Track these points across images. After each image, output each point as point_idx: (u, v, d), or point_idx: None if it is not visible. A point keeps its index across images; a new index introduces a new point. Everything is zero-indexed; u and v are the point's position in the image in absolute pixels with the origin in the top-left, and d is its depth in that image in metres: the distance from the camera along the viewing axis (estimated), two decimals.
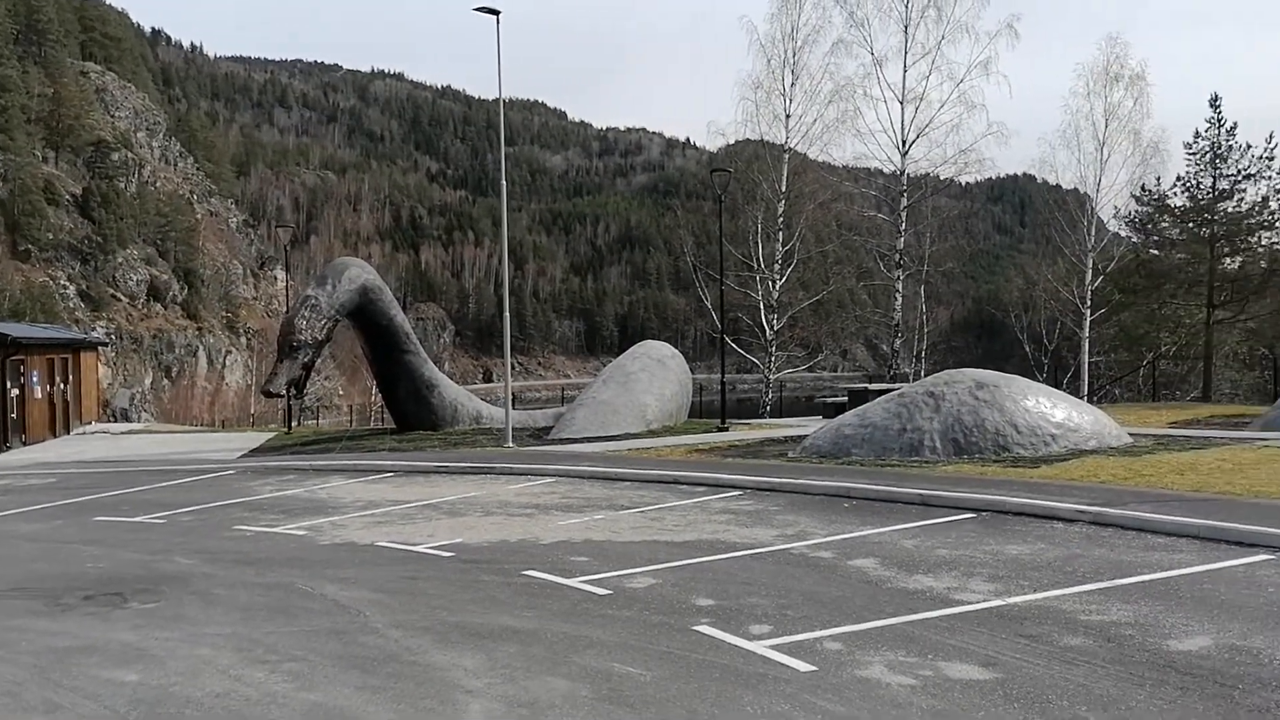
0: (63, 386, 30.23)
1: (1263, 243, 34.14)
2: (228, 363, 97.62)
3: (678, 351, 26.62)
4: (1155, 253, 35.82)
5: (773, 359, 34.70)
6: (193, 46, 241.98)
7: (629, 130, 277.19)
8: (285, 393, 22.87)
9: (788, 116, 33.84)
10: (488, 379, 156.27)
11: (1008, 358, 42.92)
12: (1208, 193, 33.95)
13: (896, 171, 33.13)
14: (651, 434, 21.91)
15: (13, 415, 26.23)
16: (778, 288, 33.99)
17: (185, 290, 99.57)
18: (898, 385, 19.92)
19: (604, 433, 21.84)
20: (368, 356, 25.94)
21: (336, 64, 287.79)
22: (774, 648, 6.49)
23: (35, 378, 27.81)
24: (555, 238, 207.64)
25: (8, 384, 25.84)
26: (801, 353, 41.35)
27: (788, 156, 33.95)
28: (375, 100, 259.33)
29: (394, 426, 26.06)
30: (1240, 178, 33.69)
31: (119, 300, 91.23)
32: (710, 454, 17.72)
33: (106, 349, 65.65)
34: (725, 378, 24.71)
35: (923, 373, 32.44)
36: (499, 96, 23.30)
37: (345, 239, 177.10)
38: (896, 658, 6.24)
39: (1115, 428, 16.26)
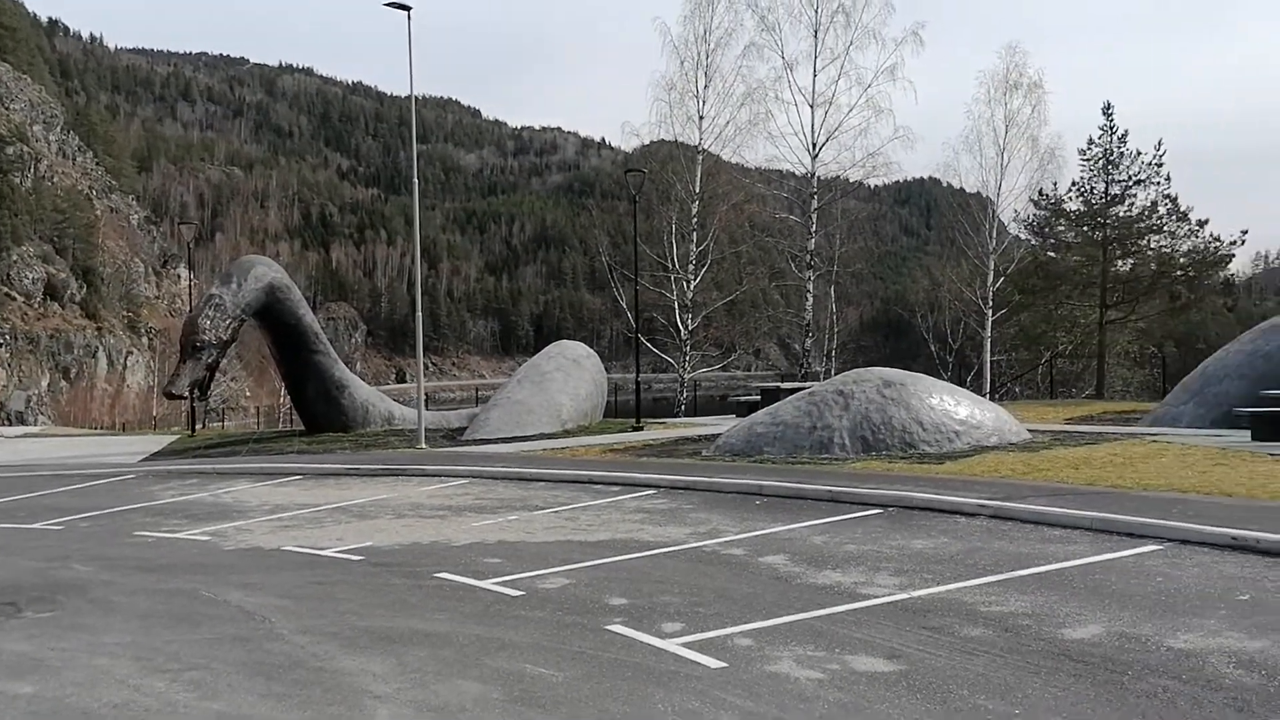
0: None
1: (1151, 246, 35.70)
2: (129, 364, 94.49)
3: (593, 351, 26.64)
4: (1052, 255, 37.13)
5: (687, 358, 34.94)
6: (92, 37, 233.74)
7: (544, 129, 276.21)
8: (188, 394, 22.28)
9: (701, 118, 34.14)
10: (401, 379, 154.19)
11: (914, 356, 43.92)
12: (1101, 198, 35.31)
13: (807, 174, 33.66)
14: (566, 434, 21.88)
15: None
16: (692, 288, 34.24)
17: (84, 289, 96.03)
18: (809, 384, 20.24)
19: (519, 433, 21.75)
20: (275, 357, 25.42)
21: (243, 57, 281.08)
22: (686, 645, 6.55)
23: None
24: (470, 237, 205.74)
25: None
26: (716, 352, 41.74)
27: (701, 157, 34.22)
28: (283, 95, 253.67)
29: (303, 428, 25.59)
30: (1131, 183, 35.13)
31: (14, 299, 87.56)
32: (625, 453, 17.77)
33: (1, 350, 62.93)
34: (640, 377, 24.80)
35: (833, 371, 33.00)
36: (410, 93, 23.01)
37: (252, 237, 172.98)
38: (805, 652, 6.35)
39: (1015, 424, 16.78)
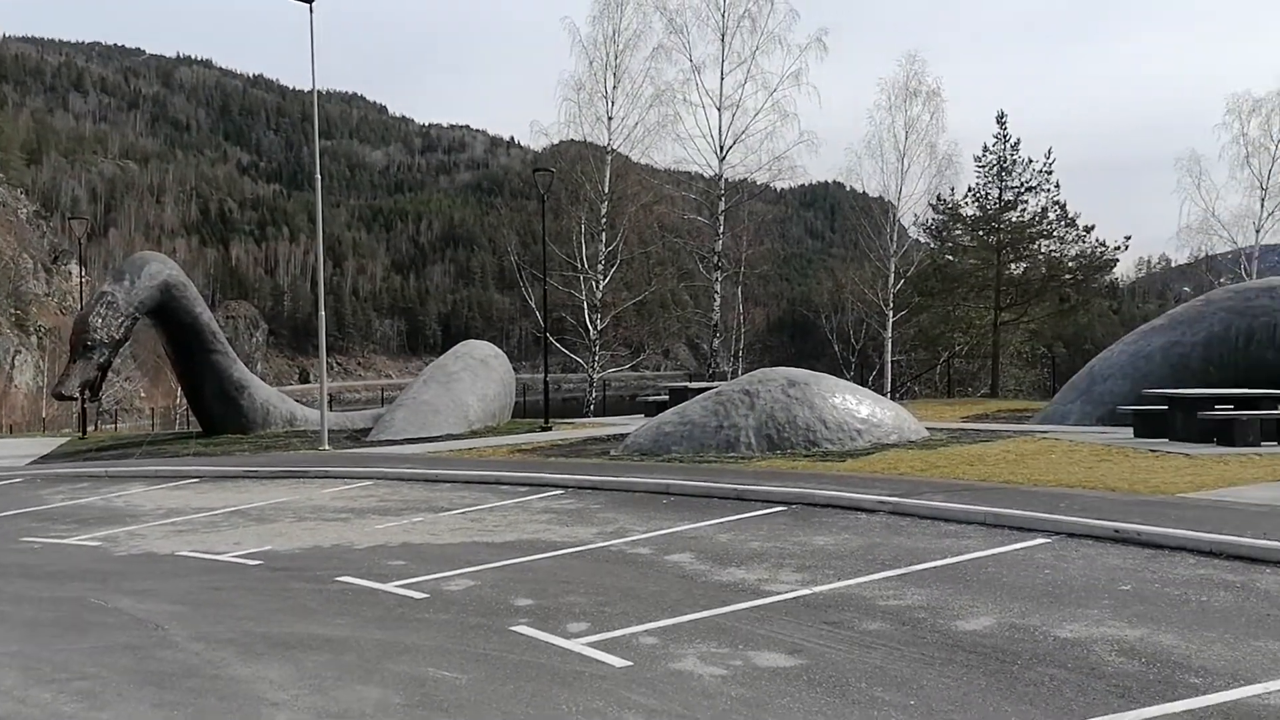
0: None
1: (1042, 250, 37.11)
2: (17, 363, 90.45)
3: (501, 351, 26.51)
4: (950, 258, 38.23)
5: (597, 358, 34.98)
6: None
7: (452, 127, 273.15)
8: (79, 395, 21.48)
9: (610, 119, 34.21)
10: (304, 380, 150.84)
11: (818, 356, 44.71)
12: (995, 203, 36.53)
13: (715, 176, 33.98)
14: (474, 434, 21.74)
15: None
16: (601, 288, 34.29)
17: None
18: (716, 384, 20.45)
19: (425, 434, 21.52)
20: (171, 357, 24.72)
21: (139, 48, 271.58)
22: (591, 645, 6.56)
23: None
24: (376, 235, 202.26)
25: None
26: (625, 352, 41.89)
27: (610, 158, 34.29)
28: (181, 87, 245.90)
29: (200, 430, 24.94)
30: (1023, 190, 36.43)
31: None
32: (533, 454, 17.72)
33: None
34: (549, 377, 24.74)
35: (740, 371, 33.41)
36: (313, 88, 22.55)
37: (147, 233, 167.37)
38: (709, 649, 6.42)
39: (914, 423, 17.22)
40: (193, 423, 28.54)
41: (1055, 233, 36.71)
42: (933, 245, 38.87)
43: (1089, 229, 36.70)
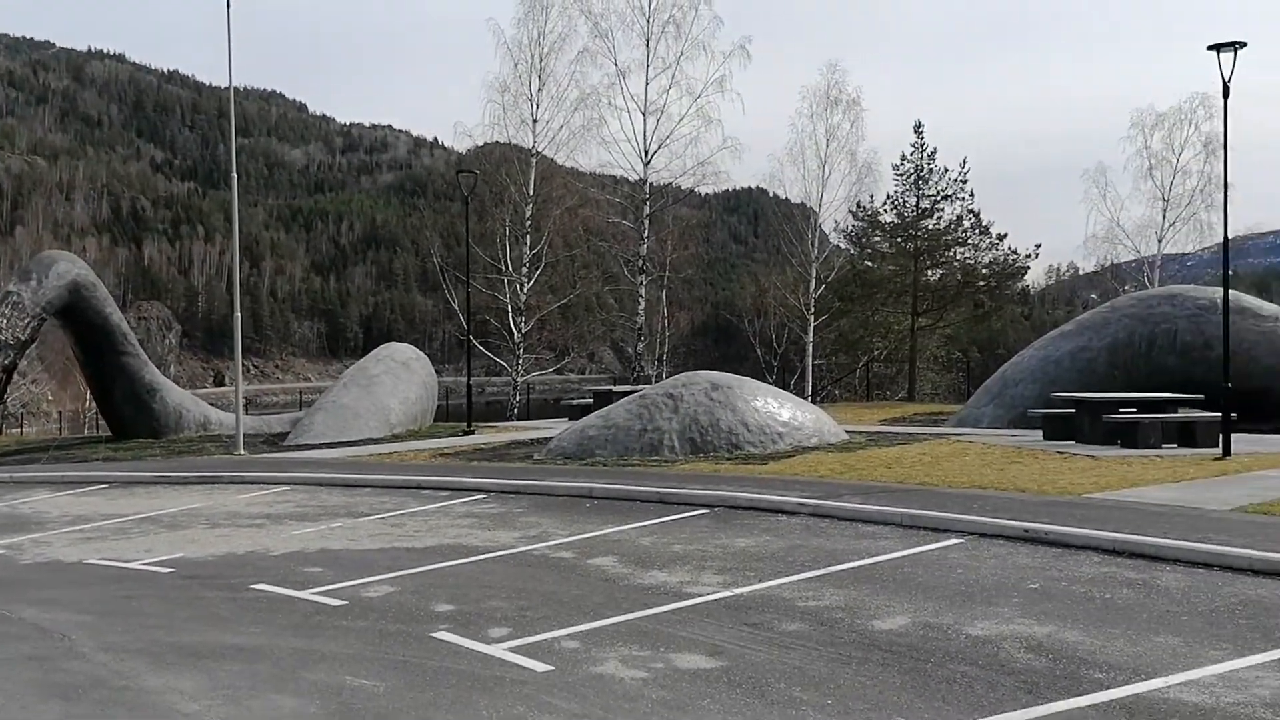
0: None
1: (957, 258, 38.11)
2: None
3: (423, 354, 26.25)
4: (869, 264, 38.98)
5: (521, 361, 34.81)
6: None
7: (374, 127, 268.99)
8: None
9: (535, 121, 34.10)
10: (219, 383, 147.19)
11: (742, 360, 45.08)
12: (912, 211, 37.37)
13: (640, 180, 34.08)
14: (395, 438, 21.51)
15: None
16: (526, 291, 34.14)
17: None
18: (641, 387, 20.52)
19: (344, 438, 21.24)
20: (80, 359, 23.99)
21: (48, 41, 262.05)
22: (512, 650, 6.54)
23: None
24: (295, 235, 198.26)
25: None
26: (549, 355, 41.74)
27: (535, 161, 34.17)
28: (92, 82, 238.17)
29: (110, 435, 24.23)
30: (939, 198, 37.33)
31: None
32: (455, 457, 17.59)
33: None
34: (473, 380, 24.56)
35: (665, 375, 33.54)
36: (230, 84, 22.07)
37: (56, 231, 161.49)
38: (630, 652, 6.44)
39: (834, 426, 17.50)
40: (102, 427, 27.74)
41: (970, 240, 37.70)
42: (853, 251, 39.53)
43: (1001, 237, 37.80)
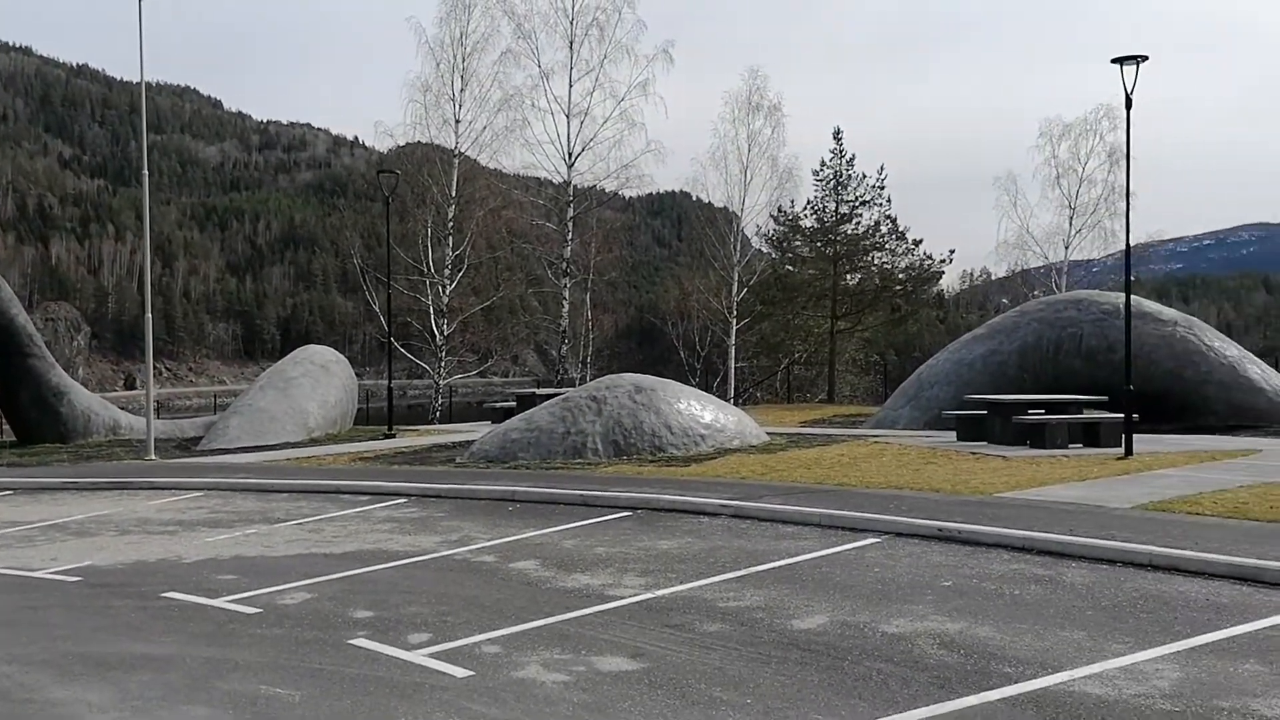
0: None
1: (875, 262, 38.86)
2: None
3: (342, 356, 25.89)
4: (790, 269, 39.52)
5: (443, 364, 34.50)
6: None
7: (292, 124, 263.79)
8: None
9: (457, 121, 33.81)
10: (130, 386, 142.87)
11: (665, 363, 45.32)
12: (831, 216, 37.98)
13: (563, 182, 34.03)
14: (313, 442, 21.18)
15: None
16: (448, 292, 33.84)
17: None
18: (564, 390, 20.51)
19: (260, 442, 20.84)
20: None
21: None
22: (432, 656, 6.49)
23: None
24: (210, 234, 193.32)
25: None
26: (472, 358, 41.45)
27: (458, 161, 33.89)
28: None
29: (14, 439, 23.41)
30: (858, 204, 38.00)
31: None
32: (376, 461, 17.37)
33: None
34: (393, 383, 24.27)
35: (589, 377, 33.53)
36: (141, 79, 21.48)
37: None
38: (552, 656, 6.44)
39: (756, 427, 17.71)
40: (6, 431, 26.75)
41: (887, 245, 38.48)
42: (774, 255, 40.01)
43: (918, 242, 38.65)
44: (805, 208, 38.56)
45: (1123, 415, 14.60)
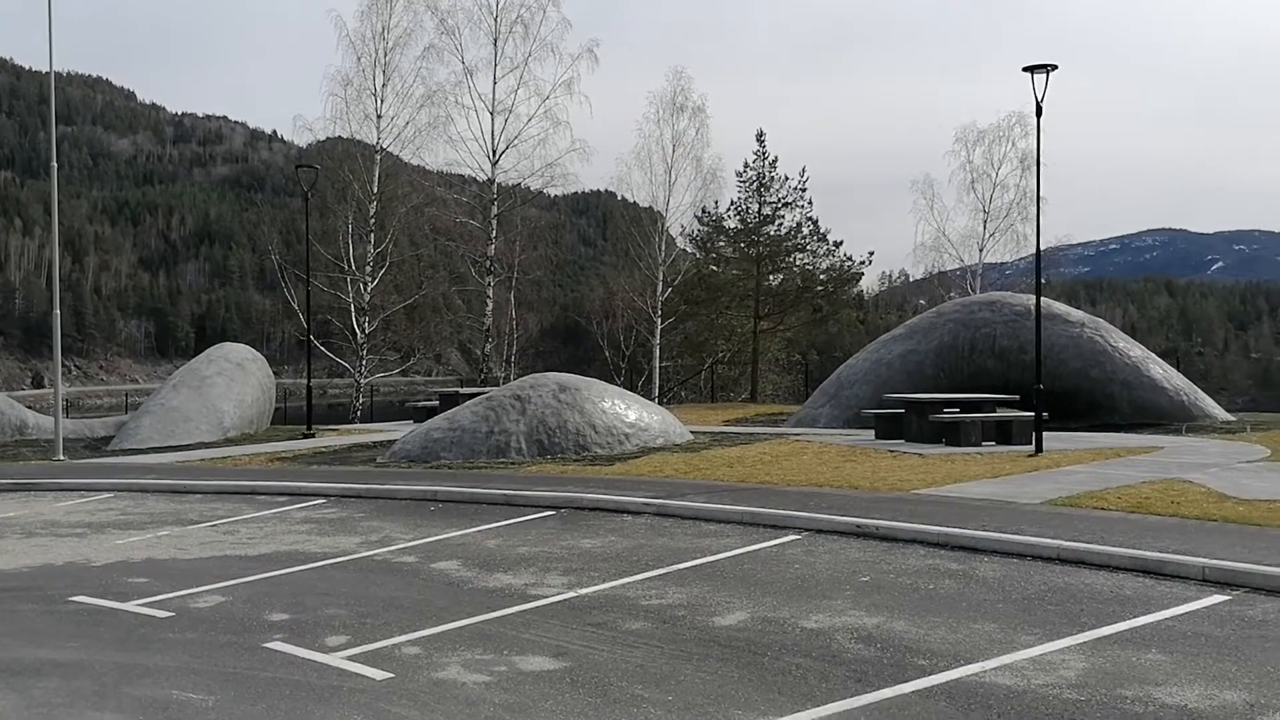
0: None
1: (797, 263, 39.37)
2: None
3: (259, 354, 25.35)
4: (714, 269, 39.80)
5: (364, 363, 34.00)
6: None
7: (208, 117, 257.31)
8: None
9: (379, 117, 33.35)
10: (38, 384, 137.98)
11: (590, 362, 45.26)
12: (754, 217, 38.34)
13: (488, 180, 33.79)
14: (229, 442, 20.73)
15: None
16: (369, 290, 33.36)
17: None
18: (488, 389, 20.37)
19: (174, 442, 20.36)
20: None
21: None
22: (350, 658, 6.41)
23: None
24: (122, 229, 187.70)
25: None
26: (394, 356, 40.91)
27: (380, 157, 33.44)
28: None
29: None
30: (780, 205, 38.43)
31: None
32: (294, 462, 17.08)
33: None
34: (313, 382, 23.85)
35: (513, 377, 33.34)
36: (50, 68, 20.76)
37: None
38: (473, 656, 6.41)
39: (680, 426, 17.82)
40: None
41: (809, 247, 38.98)
42: (698, 256, 40.24)
43: (838, 244, 39.22)
44: (729, 209, 38.88)
45: (1033, 413, 15.02)
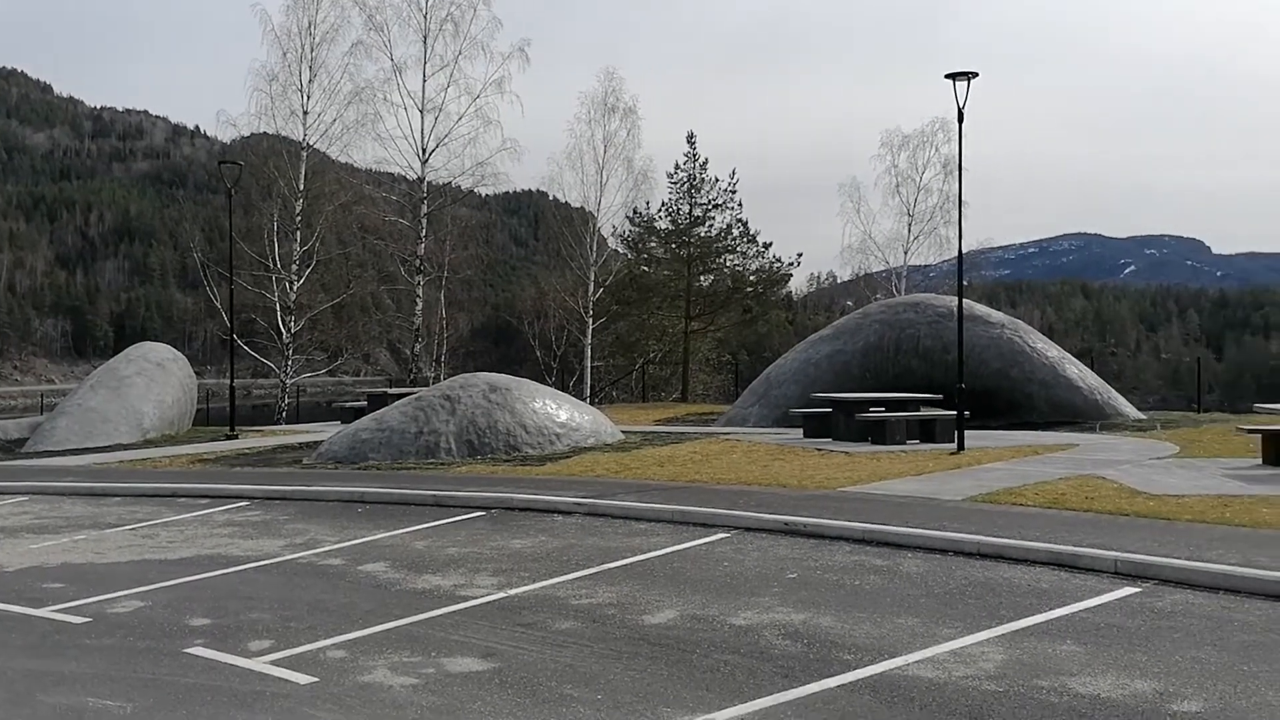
0: None
1: (727, 264, 39.74)
2: None
3: (180, 354, 24.80)
4: (645, 269, 39.98)
5: (290, 363, 33.42)
6: None
7: (128, 111, 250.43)
8: None
9: (306, 113, 32.82)
10: None
11: (522, 362, 45.10)
12: (685, 219, 38.61)
13: (417, 178, 33.45)
14: (149, 444, 20.24)
15: None
16: (295, 289, 32.81)
17: None
18: (417, 389, 20.17)
19: (91, 444, 19.84)
20: None
21: None
22: (274, 663, 6.31)
23: None
24: (37, 225, 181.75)
25: None
26: (322, 356, 40.31)
27: (306, 154, 32.90)
28: None
29: None
30: (710, 207, 38.74)
31: None
32: (217, 464, 16.73)
33: None
34: (237, 382, 23.38)
35: (443, 377, 33.04)
36: None
37: None
38: (400, 659, 6.35)
39: (611, 426, 17.84)
40: None
41: (738, 248, 39.41)
42: (629, 256, 40.35)
43: (768, 246, 39.69)
44: (660, 210, 39.08)
45: (956, 412, 15.34)
